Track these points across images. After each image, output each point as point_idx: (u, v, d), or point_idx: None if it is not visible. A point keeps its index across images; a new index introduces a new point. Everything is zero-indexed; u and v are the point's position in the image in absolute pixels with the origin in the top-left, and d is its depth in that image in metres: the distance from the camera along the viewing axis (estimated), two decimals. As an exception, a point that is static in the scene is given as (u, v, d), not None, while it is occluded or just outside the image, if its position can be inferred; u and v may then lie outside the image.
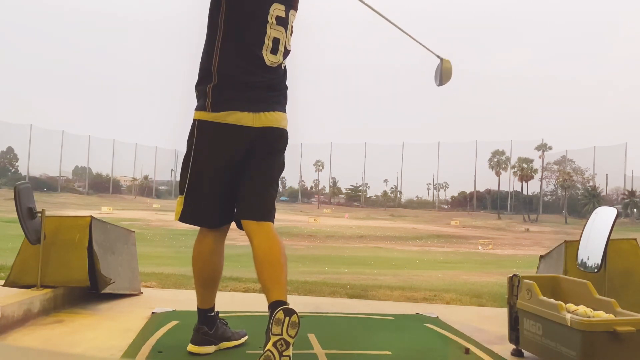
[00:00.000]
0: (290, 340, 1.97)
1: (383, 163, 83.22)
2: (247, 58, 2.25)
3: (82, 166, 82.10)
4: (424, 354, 2.60)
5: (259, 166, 2.31)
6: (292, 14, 2.33)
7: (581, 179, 69.35)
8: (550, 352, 2.26)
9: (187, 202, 2.34)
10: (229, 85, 2.25)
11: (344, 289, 5.19)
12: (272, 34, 2.25)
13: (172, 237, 24.10)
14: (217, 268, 2.45)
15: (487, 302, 4.65)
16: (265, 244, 2.25)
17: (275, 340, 1.95)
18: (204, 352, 2.37)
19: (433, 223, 53.03)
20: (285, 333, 1.96)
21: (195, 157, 2.31)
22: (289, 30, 2.33)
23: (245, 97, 2.24)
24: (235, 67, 2.25)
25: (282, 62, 2.35)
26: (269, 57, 2.27)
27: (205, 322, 2.42)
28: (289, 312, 1.99)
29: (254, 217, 2.29)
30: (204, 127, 2.27)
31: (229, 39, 2.24)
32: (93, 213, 4.88)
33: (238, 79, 2.25)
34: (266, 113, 2.27)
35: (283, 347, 1.95)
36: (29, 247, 3.21)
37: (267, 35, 2.25)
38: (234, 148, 2.27)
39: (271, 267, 2.20)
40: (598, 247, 2.66)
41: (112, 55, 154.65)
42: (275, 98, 2.34)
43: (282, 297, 2.11)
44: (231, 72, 2.25)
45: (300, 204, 77.99)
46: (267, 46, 2.25)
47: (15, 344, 2.40)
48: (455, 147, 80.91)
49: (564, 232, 40.38)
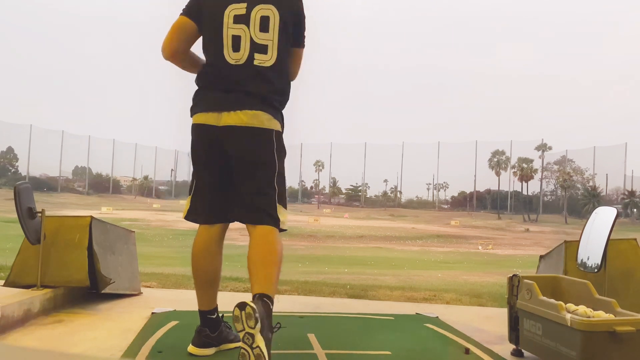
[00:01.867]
0: (253, 332, 1.97)
1: (383, 163, 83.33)
2: (214, 60, 2.39)
3: (82, 166, 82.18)
4: (424, 354, 2.60)
5: (242, 170, 2.34)
6: (259, 8, 2.33)
7: (581, 179, 69.38)
8: (550, 352, 2.26)
9: (192, 202, 2.46)
10: (203, 89, 2.42)
11: (344, 289, 5.19)
12: (229, 32, 2.32)
13: (172, 237, 24.12)
14: (212, 269, 2.45)
15: (487, 302, 4.65)
16: (252, 245, 2.30)
17: (242, 336, 1.99)
18: (204, 354, 2.38)
19: (433, 223, 53.04)
20: (246, 326, 1.98)
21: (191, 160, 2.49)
22: (253, 25, 2.32)
23: (210, 98, 2.36)
24: (207, 72, 2.42)
25: (253, 56, 2.32)
26: (231, 55, 2.32)
27: (207, 324, 2.43)
28: (241, 306, 2.01)
29: (248, 220, 2.34)
30: (191, 132, 2.44)
31: (204, 48, 2.43)
32: (93, 213, 4.88)
33: (208, 81, 2.40)
34: (231, 112, 2.29)
35: (250, 340, 1.97)
36: (29, 247, 3.21)
37: (224, 35, 2.32)
38: (206, 148, 2.39)
39: (252, 266, 2.24)
40: (598, 247, 2.66)
41: (113, 55, 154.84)
42: (244, 95, 2.31)
43: (260, 290, 2.15)
44: (204, 77, 2.42)
45: (300, 204, 77.97)
46: (226, 45, 2.33)
47: (15, 344, 2.40)
48: (455, 147, 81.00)
49: (564, 232, 40.41)
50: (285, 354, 2.44)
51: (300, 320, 3.19)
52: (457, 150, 79.03)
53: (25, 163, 73.83)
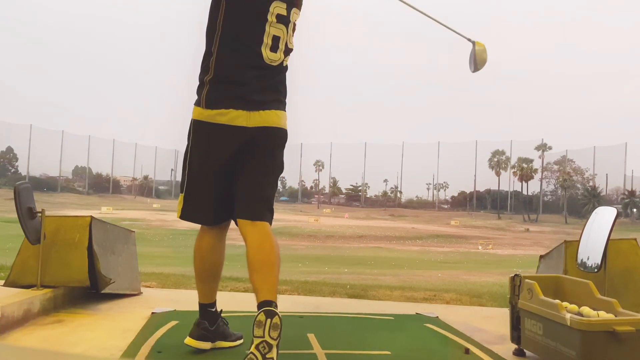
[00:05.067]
0: (273, 343, 1.94)
1: (383, 163, 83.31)
2: (245, 55, 2.24)
3: (82, 166, 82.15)
4: (424, 354, 2.60)
5: (256, 166, 2.30)
6: (294, 12, 2.31)
7: (581, 179, 69.42)
8: (551, 352, 2.26)
9: (187, 200, 2.37)
10: (225, 82, 2.25)
11: (344, 289, 5.19)
12: (271, 31, 2.24)
13: (172, 237, 24.11)
14: (215, 264, 2.45)
15: (487, 302, 4.65)
16: (256, 243, 2.24)
17: (258, 343, 1.94)
18: (200, 347, 2.36)
19: (433, 223, 53.05)
20: (267, 335, 1.94)
21: (192, 157, 2.34)
22: (290, 28, 2.31)
23: (239, 95, 2.23)
24: (232, 65, 2.25)
25: (283, 60, 2.33)
26: (268, 55, 2.25)
27: (206, 317, 2.42)
28: (270, 314, 1.97)
29: (248, 216, 2.28)
30: (199, 127, 2.28)
31: (227, 36, 2.24)
32: (93, 213, 4.88)
33: (234, 76, 2.24)
34: (261, 112, 2.24)
35: (265, 349, 1.93)
36: (29, 247, 3.21)
37: (266, 33, 2.23)
38: (227, 148, 2.27)
39: (260, 267, 2.19)
40: (598, 247, 2.66)
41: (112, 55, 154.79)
42: (274, 96, 2.31)
43: (269, 297, 2.09)
44: (228, 70, 2.25)
45: (300, 204, 78.00)
46: (266, 44, 2.24)
47: (15, 344, 2.40)
48: (455, 147, 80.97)
49: (564, 232, 40.41)
50: (285, 354, 2.43)
51: (300, 320, 3.19)
52: (457, 150, 79.04)
53: (25, 163, 73.94)
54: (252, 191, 2.30)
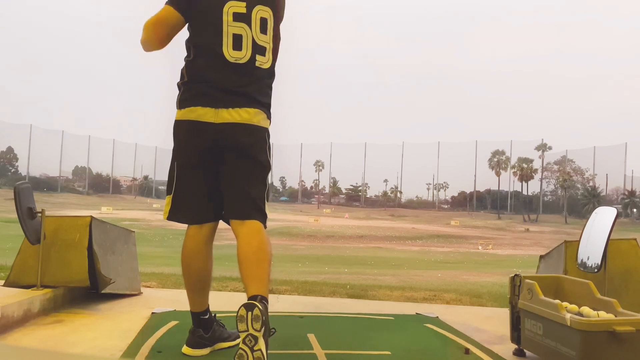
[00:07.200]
0: (257, 334, 1.96)
1: (383, 163, 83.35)
2: (209, 56, 2.34)
3: (82, 166, 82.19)
4: (424, 354, 2.60)
5: (239, 166, 2.33)
6: (259, 9, 2.35)
7: (581, 179, 69.45)
8: (551, 352, 2.26)
9: (173, 201, 2.41)
10: (196, 83, 2.35)
11: (344, 289, 5.18)
12: (230, 31, 2.31)
13: (172, 237, 24.09)
14: (200, 271, 2.44)
15: (487, 302, 4.65)
16: (244, 241, 2.27)
17: (244, 337, 1.96)
18: (198, 355, 2.38)
19: (433, 223, 53.06)
20: (250, 328, 1.96)
21: (173, 157, 2.43)
22: (255, 25, 2.34)
23: (207, 94, 2.31)
24: (199, 67, 2.36)
25: (255, 56, 2.35)
26: (231, 53, 2.31)
27: (200, 325, 2.43)
28: (249, 307, 1.99)
29: (236, 216, 2.33)
30: (177, 127, 2.39)
31: (196, 46, 2.37)
32: (93, 213, 4.88)
33: (203, 77, 2.34)
34: (230, 109, 2.29)
35: (252, 342, 1.95)
36: (29, 247, 3.21)
37: (224, 32, 2.31)
38: (198, 144, 2.33)
39: (248, 263, 2.22)
40: (598, 247, 2.66)
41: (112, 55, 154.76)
42: (246, 94, 2.33)
43: (256, 292, 2.11)
44: (196, 72, 2.37)
45: (300, 204, 78.02)
46: (227, 44, 2.31)
47: (15, 344, 2.40)
48: (455, 147, 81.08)
49: (564, 232, 40.43)
50: (285, 354, 2.44)
51: (300, 320, 3.19)
52: (457, 150, 79.14)
53: (25, 163, 73.98)
54: (236, 191, 2.34)
